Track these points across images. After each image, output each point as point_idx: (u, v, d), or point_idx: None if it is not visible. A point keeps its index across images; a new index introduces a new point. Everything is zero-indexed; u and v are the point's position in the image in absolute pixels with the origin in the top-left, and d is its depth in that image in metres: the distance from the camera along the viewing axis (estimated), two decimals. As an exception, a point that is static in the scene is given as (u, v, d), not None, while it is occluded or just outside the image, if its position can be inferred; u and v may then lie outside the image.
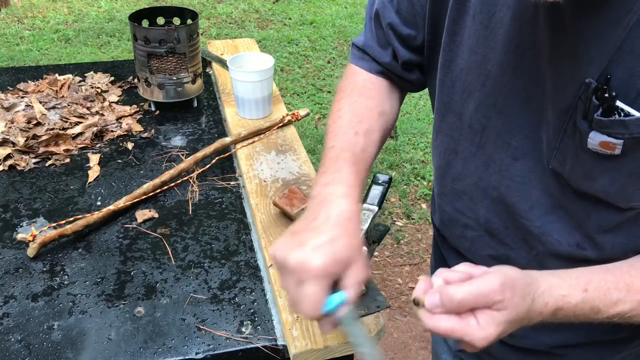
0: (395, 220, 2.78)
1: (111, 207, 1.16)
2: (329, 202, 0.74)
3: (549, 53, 0.68)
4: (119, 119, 1.51)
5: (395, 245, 2.64)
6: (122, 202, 1.18)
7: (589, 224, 0.74)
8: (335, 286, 0.69)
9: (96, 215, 1.14)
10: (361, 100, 0.91)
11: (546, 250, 0.80)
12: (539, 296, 0.65)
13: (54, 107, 1.49)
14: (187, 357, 0.90)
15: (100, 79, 1.68)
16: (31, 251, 1.07)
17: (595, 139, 0.64)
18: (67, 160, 1.36)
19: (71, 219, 1.14)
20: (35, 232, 1.08)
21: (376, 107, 0.91)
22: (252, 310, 0.98)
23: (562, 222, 0.77)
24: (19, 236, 1.08)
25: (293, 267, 0.67)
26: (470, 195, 0.87)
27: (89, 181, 1.29)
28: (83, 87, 1.60)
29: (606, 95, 0.61)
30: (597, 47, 0.62)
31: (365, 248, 1.01)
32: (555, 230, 0.77)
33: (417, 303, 0.66)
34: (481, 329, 0.62)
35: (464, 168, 0.86)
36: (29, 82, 1.64)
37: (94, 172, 1.32)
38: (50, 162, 1.35)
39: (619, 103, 0.61)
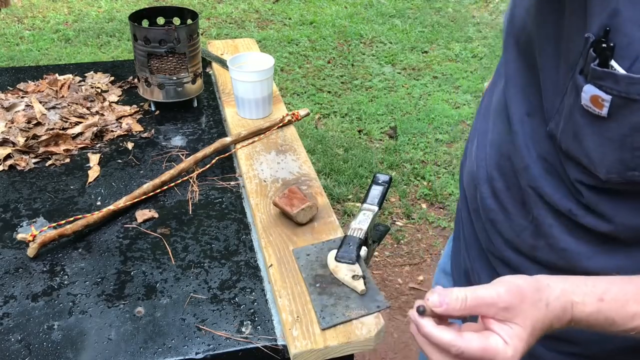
0: (395, 220, 2.78)
1: (111, 207, 1.16)
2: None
3: (567, 8, 0.69)
4: (119, 119, 1.51)
5: (395, 245, 2.64)
6: (122, 202, 1.18)
7: (580, 192, 0.73)
8: None
9: (96, 215, 1.14)
10: None
11: (542, 214, 0.79)
12: (555, 300, 0.63)
13: (54, 107, 1.49)
14: (187, 357, 0.90)
15: (100, 79, 1.68)
16: (31, 251, 1.07)
17: (587, 93, 0.64)
18: (67, 160, 1.36)
19: (71, 219, 1.14)
20: (35, 232, 1.08)
21: None
22: (252, 310, 0.98)
23: (556, 187, 0.76)
24: (19, 236, 1.08)
25: None
26: (487, 151, 0.88)
27: (89, 181, 1.29)
28: (83, 87, 1.60)
29: (604, 45, 0.61)
30: (599, 3, 0.62)
31: (365, 248, 1.02)
32: (549, 194, 0.77)
33: (421, 312, 0.63)
34: (508, 346, 0.60)
35: (492, 122, 0.88)
36: (29, 82, 1.64)
37: (94, 172, 1.32)
38: (50, 162, 1.35)
39: (614, 64, 0.61)
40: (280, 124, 1.46)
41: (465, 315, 0.62)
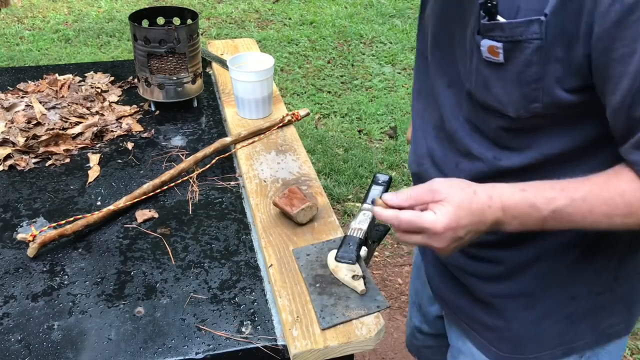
0: (395, 220, 2.78)
1: (111, 207, 1.16)
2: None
3: None
4: (119, 119, 1.51)
5: (395, 245, 2.64)
6: (122, 202, 1.18)
7: (500, 139, 0.84)
8: None
9: (96, 215, 1.15)
10: None
11: (473, 169, 0.89)
12: (482, 190, 0.77)
13: (54, 107, 1.49)
14: (187, 357, 0.90)
15: (100, 79, 1.68)
16: (31, 251, 1.07)
17: (484, 45, 0.76)
18: (67, 160, 1.36)
19: (71, 219, 1.14)
20: (35, 232, 1.08)
21: None
22: (252, 310, 0.99)
23: (480, 141, 0.87)
24: (19, 236, 1.08)
25: None
26: (424, 128, 0.99)
27: (89, 181, 1.29)
28: (83, 87, 1.60)
29: (489, 4, 0.74)
30: None
31: (365, 248, 1.02)
32: (476, 148, 0.88)
33: (372, 203, 0.85)
34: (436, 215, 0.76)
35: (424, 105, 0.99)
36: (29, 82, 1.64)
37: (94, 172, 1.32)
38: (50, 162, 1.35)
39: (500, 18, 0.73)
40: (280, 124, 1.46)
41: (412, 205, 0.79)
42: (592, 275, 0.91)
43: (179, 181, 1.28)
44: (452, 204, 0.76)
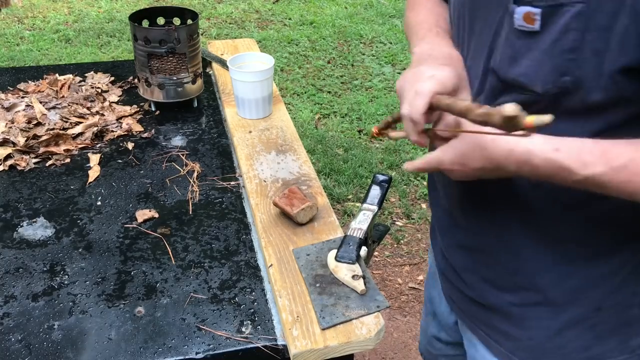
0: (395, 220, 2.78)
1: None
2: (434, 49, 0.88)
3: None
4: (119, 119, 1.51)
5: (395, 245, 2.64)
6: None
7: None
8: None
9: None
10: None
11: None
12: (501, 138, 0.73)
13: (54, 107, 1.49)
14: (187, 357, 0.90)
15: (101, 79, 1.68)
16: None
17: (519, 13, 0.72)
18: (67, 160, 1.36)
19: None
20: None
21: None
22: (252, 310, 0.99)
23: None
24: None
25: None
26: None
27: (89, 181, 1.29)
28: (83, 87, 1.61)
29: None
30: None
31: (365, 248, 1.02)
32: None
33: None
34: (439, 153, 0.80)
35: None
36: (29, 82, 1.64)
37: (94, 172, 1.32)
38: (50, 162, 1.35)
39: None
40: None
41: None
42: (619, 288, 0.86)
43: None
44: (459, 144, 0.77)
